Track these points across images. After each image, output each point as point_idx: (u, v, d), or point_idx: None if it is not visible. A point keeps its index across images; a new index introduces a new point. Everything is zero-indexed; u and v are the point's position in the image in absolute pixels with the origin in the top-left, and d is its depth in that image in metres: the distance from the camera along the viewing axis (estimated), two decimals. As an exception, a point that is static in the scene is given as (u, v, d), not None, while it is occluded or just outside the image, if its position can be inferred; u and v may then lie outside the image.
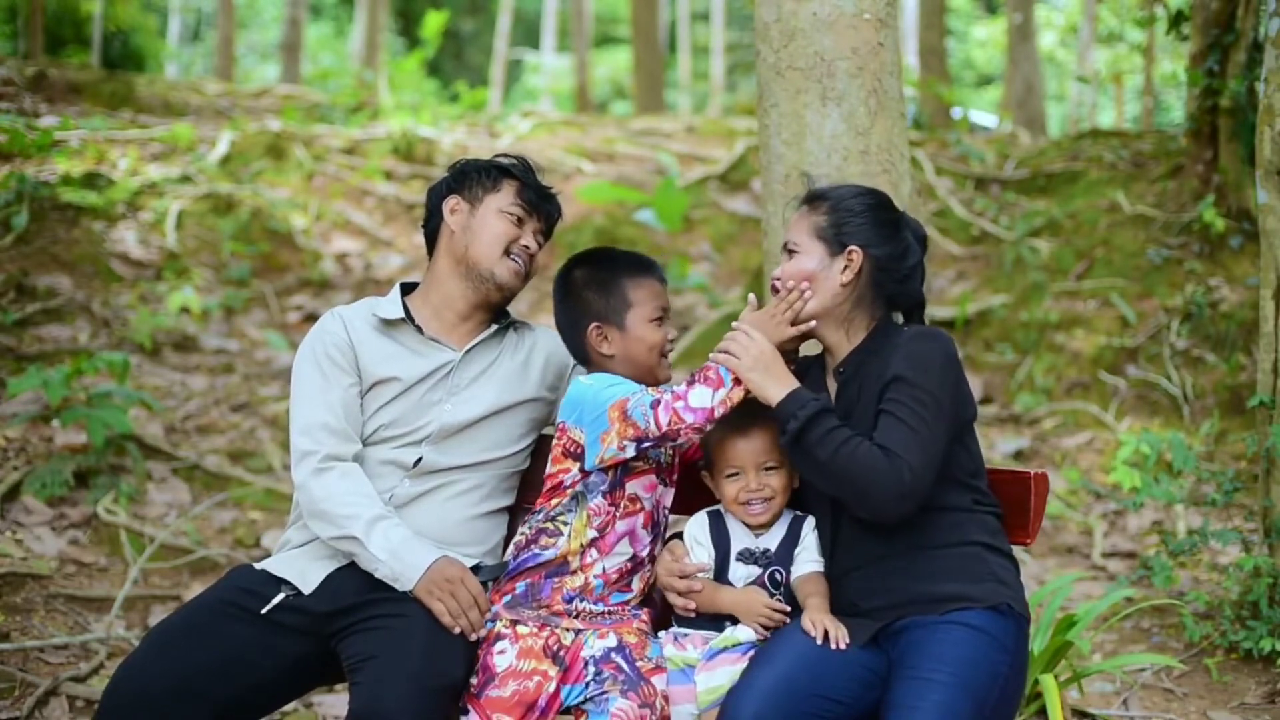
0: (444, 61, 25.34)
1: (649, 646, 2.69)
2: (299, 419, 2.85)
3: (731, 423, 2.72)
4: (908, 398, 2.60)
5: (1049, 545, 5.57)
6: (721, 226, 9.60)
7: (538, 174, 3.06)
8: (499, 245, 2.93)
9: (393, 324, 2.94)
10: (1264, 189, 4.07)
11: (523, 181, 3.00)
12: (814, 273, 2.74)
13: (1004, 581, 2.65)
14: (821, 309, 2.75)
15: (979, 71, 25.72)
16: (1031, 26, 14.46)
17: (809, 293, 2.73)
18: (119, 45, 18.07)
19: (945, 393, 2.63)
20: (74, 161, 8.58)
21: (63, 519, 5.05)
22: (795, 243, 2.79)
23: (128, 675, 2.63)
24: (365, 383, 2.88)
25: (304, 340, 2.94)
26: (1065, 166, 8.99)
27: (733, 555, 2.74)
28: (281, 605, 2.75)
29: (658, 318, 2.81)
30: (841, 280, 2.75)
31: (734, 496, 2.73)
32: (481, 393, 2.93)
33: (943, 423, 2.62)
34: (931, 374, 2.63)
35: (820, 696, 2.51)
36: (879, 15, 3.61)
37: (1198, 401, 6.36)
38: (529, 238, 2.99)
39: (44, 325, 6.71)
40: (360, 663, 2.62)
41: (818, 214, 2.79)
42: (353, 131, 11.00)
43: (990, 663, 2.55)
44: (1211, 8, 6.89)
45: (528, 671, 2.62)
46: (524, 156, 3.08)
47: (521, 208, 2.97)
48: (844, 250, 2.75)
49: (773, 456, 2.72)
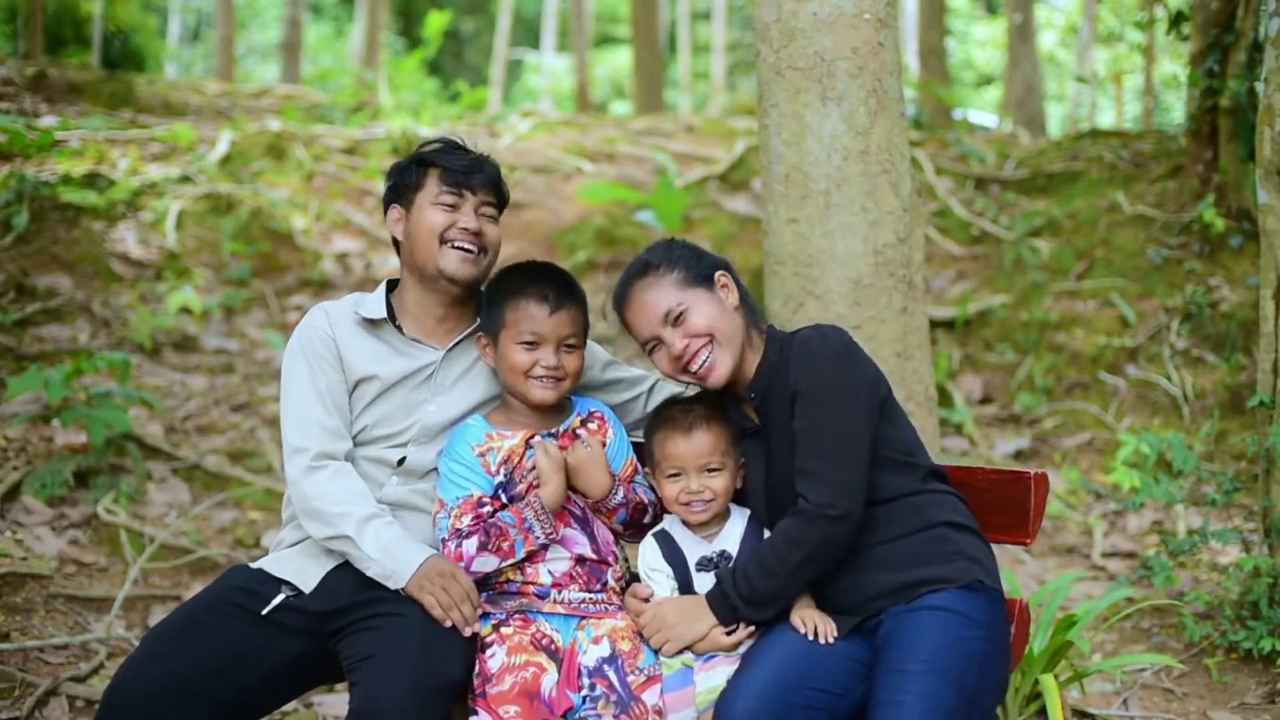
0: (444, 61, 25.33)
1: (642, 653, 2.69)
2: (290, 415, 2.85)
3: (675, 421, 2.74)
4: (813, 414, 2.62)
5: (1049, 545, 5.57)
6: (721, 226, 9.59)
7: (464, 147, 2.98)
8: (434, 238, 2.89)
9: (376, 323, 2.94)
10: (1264, 189, 4.07)
11: (444, 166, 2.93)
12: (713, 312, 2.74)
13: (972, 558, 2.66)
14: (738, 346, 2.76)
15: (979, 71, 25.72)
16: (1031, 26, 14.46)
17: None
18: (119, 45, 18.06)
19: (846, 387, 2.64)
20: (74, 161, 8.58)
21: (63, 519, 5.05)
22: (676, 304, 2.75)
23: (128, 676, 2.63)
24: (349, 379, 2.88)
25: (292, 335, 2.94)
26: (1065, 166, 8.99)
27: (692, 567, 2.74)
28: (281, 605, 2.75)
29: (527, 341, 2.78)
30: (732, 304, 2.79)
31: (674, 497, 2.73)
32: (467, 391, 2.93)
33: (858, 419, 2.63)
34: (826, 375, 2.64)
35: (811, 688, 2.52)
36: (879, 15, 3.62)
37: (1198, 401, 6.36)
38: (468, 218, 2.90)
39: (44, 325, 6.71)
40: (359, 662, 2.63)
41: (665, 275, 2.78)
42: (353, 131, 11.00)
43: (965, 642, 2.55)
44: (1211, 8, 6.88)
45: (521, 664, 2.64)
46: (448, 137, 3.01)
47: (450, 192, 2.90)
48: (714, 279, 2.78)
49: (715, 458, 2.72)
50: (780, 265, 3.74)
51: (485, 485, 2.77)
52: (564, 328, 2.80)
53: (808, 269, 3.67)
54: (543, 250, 9.28)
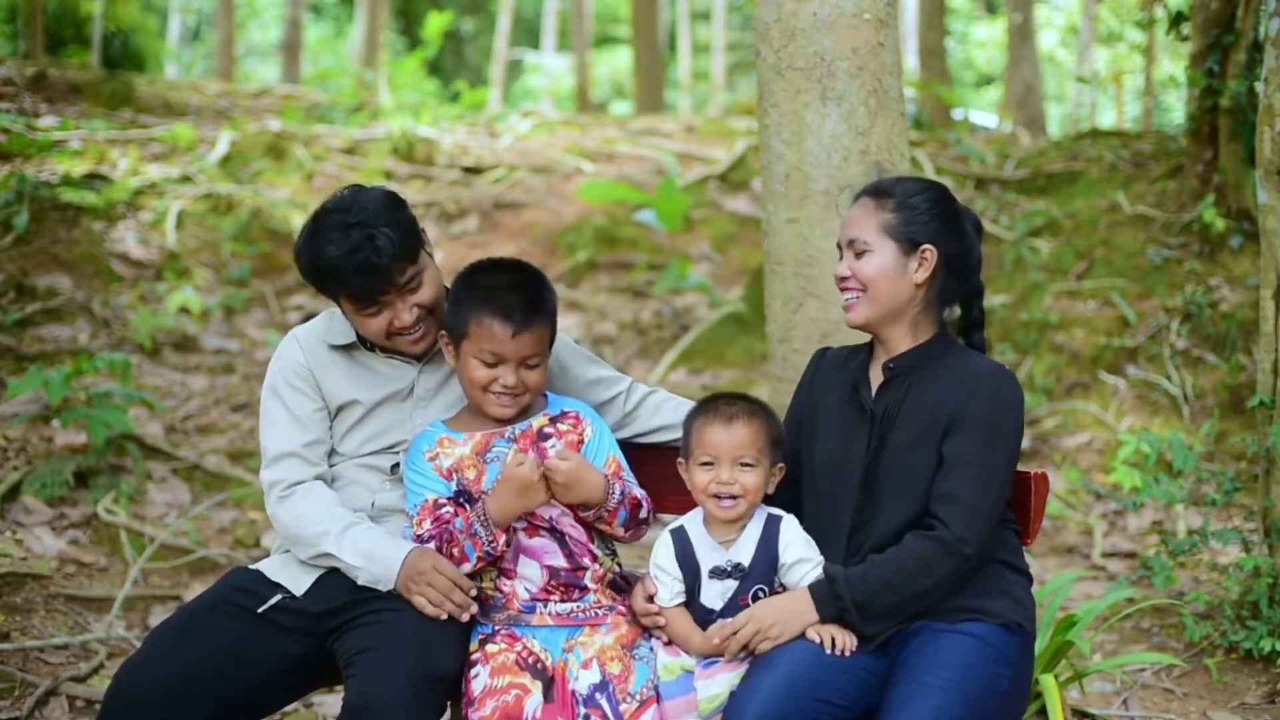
0: (444, 61, 25.33)
1: (633, 675, 2.64)
2: (266, 451, 2.87)
3: (717, 410, 2.69)
4: (980, 451, 2.59)
5: (1049, 545, 5.56)
6: (721, 226, 9.59)
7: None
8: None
9: (346, 347, 2.91)
10: (1264, 189, 4.06)
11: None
12: (886, 271, 2.68)
13: (1017, 600, 2.66)
14: (892, 310, 2.70)
15: (979, 71, 25.70)
16: (1031, 26, 14.45)
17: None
18: (119, 45, 18.06)
19: (1015, 439, 2.64)
20: (74, 161, 8.58)
21: (63, 519, 5.05)
22: (864, 241, 2.69)
23: (129, 676, 2.63)
24: (330, 406, 2.88)
25: (269, 367, 2.93)
26: (1065, 166, 8.99)
27: (704, 574, 2.68)
28: (277, 606, 2.76)
29: (486, 360, 2.71)
30: (915, 280, 2.69)
31: (704, 487, 2.66)
32: (448, 397, 2.92)
33: (1010, 471, 2.65)
34: (1005, 420, 2.62)
35: (821, 700, 2.49)
36: (879, 15, 3.62)
37: (1198, 401, 6.36)
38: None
39: (44, 325, 6.71)
40: (354, 656, 2.63)
41: (885, 210, 2.70)
42: (353, 131, 11.00)
43: (992, 674, 2.54)
44: (1211, 8, 6.88)
45: (504, 687, 2.61)
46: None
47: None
48: (917, 249, 2.68)
49: (750, 453, 2.65)
50: (780, 265, 3.74)
51: (442, 488, 2.75)
52: (526, 348, 2.71)
53: (808, 269, 3.67)
54: (543, 250, 9.28)
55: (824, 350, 2.95)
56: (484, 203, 9.93)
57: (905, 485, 2.65)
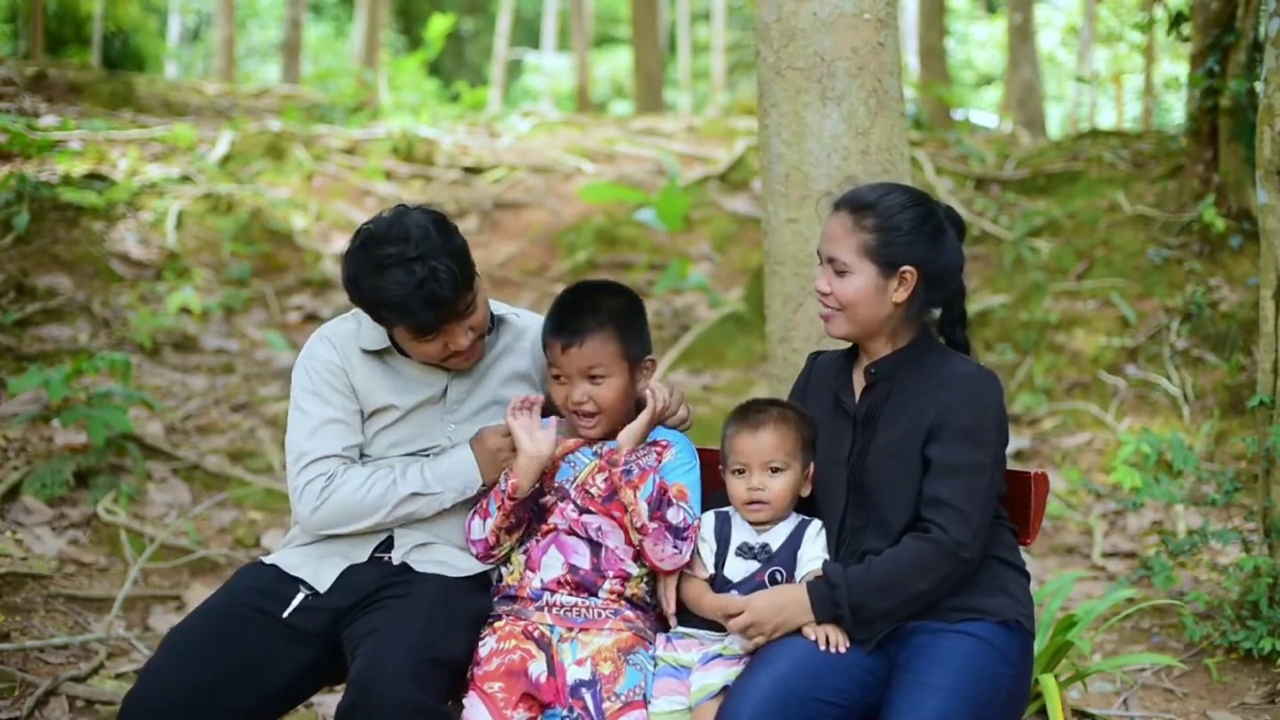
0: (444, 61, 25.32)
1: (623, 678, 2.64)
2: (300, 451, 2.82)
3: (745, 418, 2.75)
4: (965, 453, 2.60)
5: (1049, 545, 5.56)
6: (721, 226, 9.59)
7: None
8: (435, 360, 2.84)
9: (379, 352, 2.91)
10: (1264, 189, 4.06)
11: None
12: (866, 292, 2.67)
13: (1015, 597, 2.67)
14: (872, 327, 2.71)
15: (979, 71, 25.70)
16: (1031, 26, 14.45)
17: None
18: (119, 45, 18.07)
19: (999, 440, 2.65)
20: (74, 161, 8.58)
21: (63, 519, 5.05)
22: (843, 262, 2.67)
23: (150, 684, 2.60)
24: (365, 408, 2.87)
25: (297, 368, 2.91)
26: (1065, 166, 8.99)
27: (731, 549, 2.74)
28: (301, 607, 2.75)
29: (555, 376, 2.79)
30: (895, 300, 2.68)
31: (739, 495, 2.74)
32: (477, 403, 2.94)
33: (999, 471, 2.66)
34: (988, 422, 2.63)
35: (818, 700, 2.50)
36: (879, 15, 3.61)
37: (1198, 401, 6.36)
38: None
39: (44, 325, 6.71)
40: (361, 638, 2.64)
41: (864, 231, 2.66)
42: (353, 131, 11.00)
43: (994, 675, 2.55)
44: (1211, 8, 6.88)
45: (510, 649, 2.66)
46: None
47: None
48: (897, 270, 2.66)
49: (778, 458, 2.70)
50: (780, 265, 3.74)
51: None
52: (583, 360, 2.73)
53: (808, 269, 3.67)
54: (543, 250, 9.29)
55: (816, 354, 2.97)
56: (484, 203, 9.94)
57: (892, 487, 2.66)
